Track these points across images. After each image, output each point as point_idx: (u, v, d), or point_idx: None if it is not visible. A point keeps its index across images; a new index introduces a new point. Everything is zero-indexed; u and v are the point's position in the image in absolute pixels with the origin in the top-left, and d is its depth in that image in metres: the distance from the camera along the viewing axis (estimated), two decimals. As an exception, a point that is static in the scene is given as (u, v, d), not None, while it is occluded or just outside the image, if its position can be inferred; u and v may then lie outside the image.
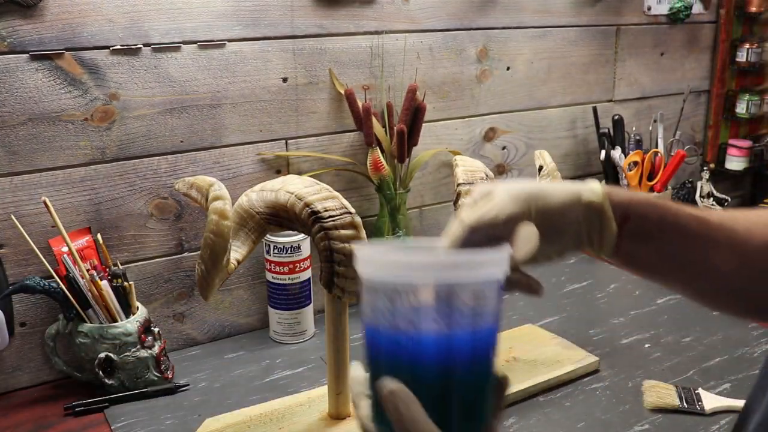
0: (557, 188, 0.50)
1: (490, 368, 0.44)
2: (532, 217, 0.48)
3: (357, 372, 0.47)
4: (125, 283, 0.94)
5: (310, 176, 0.84)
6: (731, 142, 1.60)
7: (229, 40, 1.01)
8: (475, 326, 0.42)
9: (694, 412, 0.88)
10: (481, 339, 0.43)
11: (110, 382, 0.93)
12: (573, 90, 1.38)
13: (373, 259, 0.44)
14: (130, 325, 0.92)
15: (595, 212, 0.49)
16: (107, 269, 0.95)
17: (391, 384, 0.42)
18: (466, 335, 0.42)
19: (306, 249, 1.05)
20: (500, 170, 1.33)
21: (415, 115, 1.13)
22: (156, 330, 0.97)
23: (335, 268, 0.77)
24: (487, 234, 0.48)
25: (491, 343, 0.44)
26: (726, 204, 1.54)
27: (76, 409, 0.90)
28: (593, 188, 0.50)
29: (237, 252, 0.78)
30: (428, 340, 0.42)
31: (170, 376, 0.97)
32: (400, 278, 0.42)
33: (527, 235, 0.47)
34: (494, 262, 0.43)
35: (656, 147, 1.41)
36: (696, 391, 0.91)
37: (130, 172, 0.99)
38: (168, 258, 1.04)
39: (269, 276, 1.06)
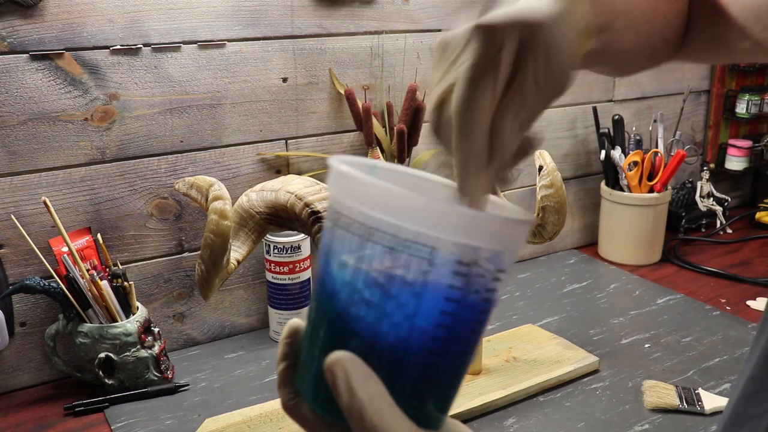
0: None
1: (474, 351, 0.36)
2: None
3: (295, 323, 0.38)
4: (125, 283, 0.94)
5: (310, 176, 0.84)
6: (731, 142, 1.60)
7: (229, 40, 1.01)
8: (484, 303, 0.34)
9: (694, 412, 0.88)
10: (482, 320, 0.35)
11: (110, 382, 0.93)
12: (573, 90, 1.38)
13: (373, 190, 0.32)
14: (130, 325, 0.92)
15: None
16: (107, 269, 0.95)
17: (339, 352, 0.33)
18: (471, 314, 0.34)
19: (306, 249, 1.05)
20: (500, 170, 1.33)
21: (415, 115, 1.13)
22: (156, 330, 0.97)
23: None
24: None
25: (485, 324, 0.36)
26: (726, 204, 1.54)
27: (76, 409, 0.91)
28: None
29: (237, 252, 0.78)
30: (428, 314, 0.33)
31: (170, 376, 0.97)
32: (417, 225, 0.31)
33: None
34: (524, 223, 0.34)
35: (656, 147, 1.41)
36: (696, 391, 0.91)
37: (130, 172, 0.99)
38: (168, 258, 1.04)
39: (269, 276, 1.06)
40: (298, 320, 0.38)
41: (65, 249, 0.91)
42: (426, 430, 0.35)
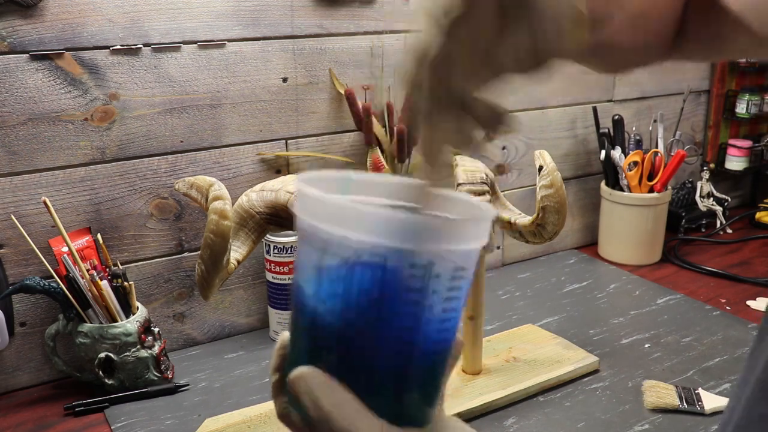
0: None
1: (450, 350, 0.37)
2: None
3: (287, 336, 0.39)
4: (125, 283, 0.94)
5: (310, 176, 0.84)
6: (731, 142, 1.60)
7: (229, 40, 1.01)
8: (448, 306, 0.35)
9: (694, 412, 0.88)
10: (452, 319, 0.36)
11: (110, 382, 0.93)
12: (573, 90, 1.38)
13: (336, 209, 0.33)
14: (130, 325, 0.92)
15: None
16: (107, 269, 0.95)
17: (300, 368, 0.34)
18: (435, 317, 0.34)
19: (306, 249, 1.05)
20: (500, 170, 1.33)
21: (415, 115, 1.13)
22: (156, 330, 0.97)
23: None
24: None
25: (457, 323, 0.36)
26: (726, 204, 1.54)
27: (76, 409, 0.91)
28: None
29: (237, 252, 0.78)
30: (392, 322, 0.34)
31: (170, 376, 0.97)
32: (367, 235, 0.33)
33: None
34: (484, 224, 0.35)
35: (656, 147, 1.41)
36: (696, 391, 0.91)
37: (130, 172, 0.99)
38: (168, 258, 1.04)
39: (269, 276, 1.06)
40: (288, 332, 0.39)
41: (65, 249, 0.91)
42: (404, 428, 0.35)
